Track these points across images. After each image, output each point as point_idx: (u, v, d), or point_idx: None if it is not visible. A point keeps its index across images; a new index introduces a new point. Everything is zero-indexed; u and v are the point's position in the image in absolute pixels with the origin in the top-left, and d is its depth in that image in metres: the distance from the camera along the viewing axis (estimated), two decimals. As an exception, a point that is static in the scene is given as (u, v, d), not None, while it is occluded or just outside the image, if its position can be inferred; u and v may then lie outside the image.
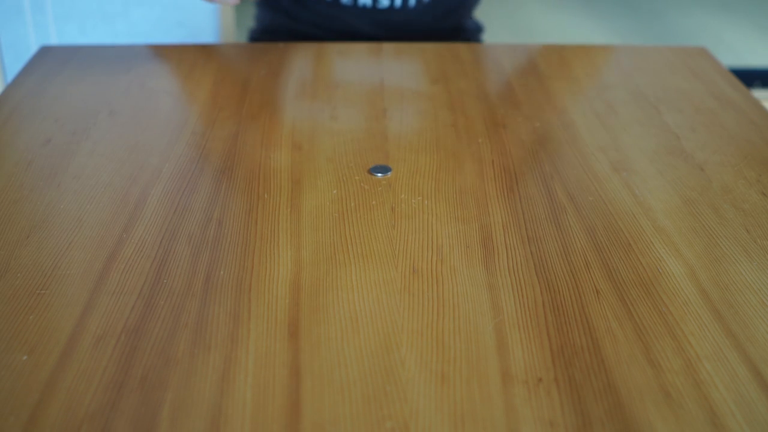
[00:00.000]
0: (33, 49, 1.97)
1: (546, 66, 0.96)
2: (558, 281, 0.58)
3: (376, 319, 0.54)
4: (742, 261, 0.61)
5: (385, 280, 0.58)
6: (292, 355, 0.51)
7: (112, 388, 0.48)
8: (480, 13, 1.27)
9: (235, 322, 0.54)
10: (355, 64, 0.96)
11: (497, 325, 0.54)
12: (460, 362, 0.51)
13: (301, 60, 0.97)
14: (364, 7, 1.10)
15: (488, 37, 1.39)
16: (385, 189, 0.69)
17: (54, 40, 1.99)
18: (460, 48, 1.01)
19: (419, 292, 0.57)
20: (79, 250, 0.61)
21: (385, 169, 0.71)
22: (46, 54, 0.97)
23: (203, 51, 1.00)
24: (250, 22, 1.29)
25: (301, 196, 0.68)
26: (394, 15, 1.12)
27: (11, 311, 0.54)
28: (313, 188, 0.69)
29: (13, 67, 1.98)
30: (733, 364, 0.51)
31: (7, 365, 0.50)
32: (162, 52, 0.99)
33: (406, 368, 0.50)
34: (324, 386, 0.49)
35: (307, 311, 0.55)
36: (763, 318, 0.55)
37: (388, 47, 1.00)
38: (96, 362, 0.50)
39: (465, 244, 0.62)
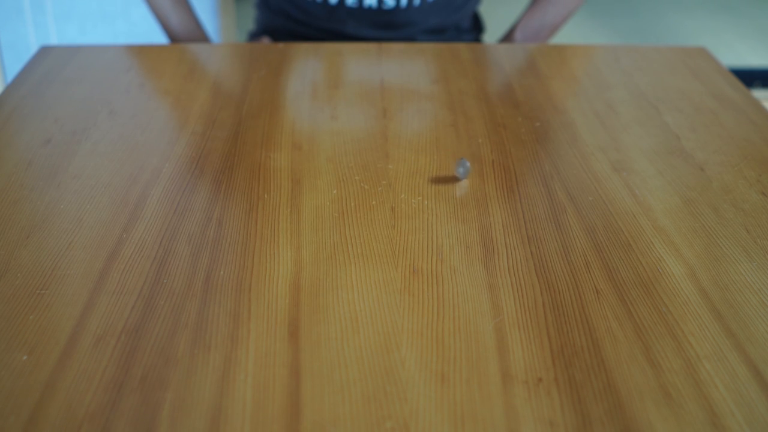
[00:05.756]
0: (33, 49, 1.97)
1: (546, 66, 0.96)
2: (558, 281, 0.58)
3: (376, 319, 0.54)
4: (742, 261, 0.61)
5: (385, 280, 0.58)
6: (292, 355, 0.51)
7: (112, 388, 0.48)
8: (480, 13, 1.27)
9: (235, 322, 0.54)
10: (355, 64, 0.96)
11: (497, 325, 0.54)
12: (460, 362, 0.51)
13: (301, 60, 0.97)
14: (370, 8, 1.10)
15: (488, 37, 1.39)
16: (385, 189, 0.69)
17: (54, 40, 1.99)
18: (460, 48, 1.01)
19: (419, 292, 0.57)
20: (79, 250, 0.61)
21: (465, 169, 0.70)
22: (46, 54, 0.97)
23: (203, 51, 1.00)
24: (250, 24, 1.29)
25: (301, 196, 0.68)
26: (398, 15, 1.12)
27: (11, 311, 0.54)
28: (313, 188, 0.69)
29: (13, 67, 1.98)
30: (733, 364, 0.51)
31: (7, 365, 0.50)
32: (162, 52, 0.99)
33: (406, 368, 0.50)
34: (324, 386, 0.49)
35: (307, 311, 0.55)
36: (763, 318, 0.55)
37: (388, 47, 1.00)
38: (96, 362, 0.50)
39: (465, 244, 0.62)
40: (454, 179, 0.71)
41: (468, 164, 0.70)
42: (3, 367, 0.50)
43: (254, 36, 1.23)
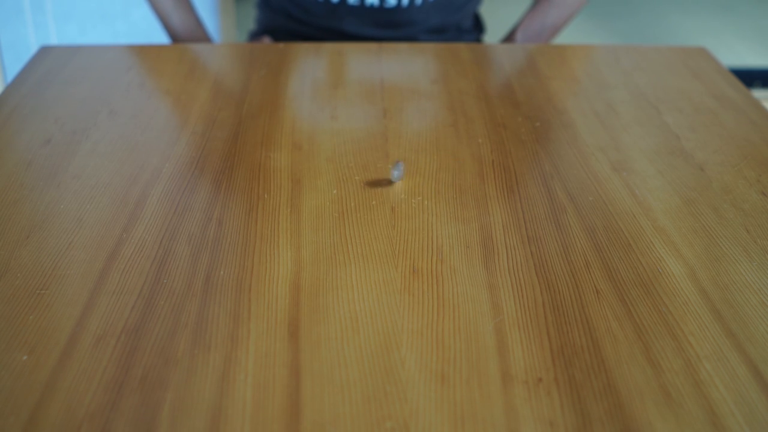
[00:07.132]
0: (33, 49, 1.97)
1: (546, 66, 0.96)
2: (558, 281, 0.58)
3: (376, 319, 0.54)
4: (742, 261, 0.61)
5: (385, 280, 0.58)
6: (292, 355, 0.51)
7: (112, 388, 0.48)
8: (480, 13, 1.27)
9: (235, 322, 0.54)
10: (355, 64, 0.96)
11: (497, 325, 0.54)
12: (460, 362, 0.51)
13: (301, 60, 0.97)
14: (371, 7, 1.10)
15: (488, 37, 1.39)
16: (385, 189, 0.69)
17: (54, 40, 1.99)
18: (460, 48, 1.01)
19: (419, 292, 0.57)
20: (79, 250, 0.61)
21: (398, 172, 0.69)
22: (46, 54, 0.97)
23: (203, 51, 1.00)
24: (250, 24, 1.29)
25: (301, 196, 0.68)
26: (400, 14, 1.12)
27: (11, 311, 0.54)
28: (313, 188, 0.69)
29: (13, 67, 1.98)
30: (733, 364, 0.51)
31: (7, 365, 0.50)
32: (162, 51, 0.99)
33: (406, 368, 0.50)
34: (324, 386, 0.49)
35: (307, 311, 0.55)
36: (763, 318, 0.55)
37: (388, 47, 1.00)
38: (96, 362, 0.50)
39: (465, 244, 0.62)
40: (454, 179, 0.71)
41: (401, 166, 0.69)
42: (3, 367, 0.50)
43: (255, 35, 1.23)
